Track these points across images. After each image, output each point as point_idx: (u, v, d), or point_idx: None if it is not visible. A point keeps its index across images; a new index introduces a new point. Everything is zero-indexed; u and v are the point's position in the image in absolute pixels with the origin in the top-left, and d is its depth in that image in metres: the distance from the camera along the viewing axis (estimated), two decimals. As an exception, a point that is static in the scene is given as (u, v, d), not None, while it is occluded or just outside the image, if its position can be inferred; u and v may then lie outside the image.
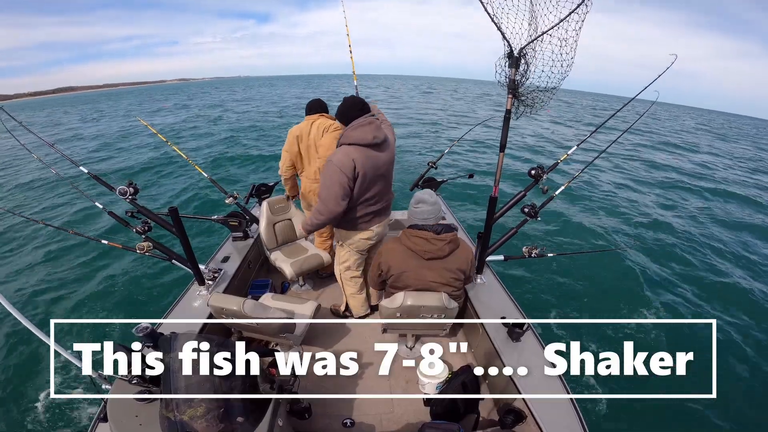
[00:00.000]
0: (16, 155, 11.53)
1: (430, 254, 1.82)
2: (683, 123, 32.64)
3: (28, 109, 43.96)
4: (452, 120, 20.22)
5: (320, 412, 1.81)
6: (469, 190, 7.97)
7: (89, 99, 58.08)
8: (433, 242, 1.81)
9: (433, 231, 1.82)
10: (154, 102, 35.66)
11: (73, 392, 2.85)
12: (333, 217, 1.88)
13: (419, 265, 1.85)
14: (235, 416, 1.06)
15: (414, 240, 1.83)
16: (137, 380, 1.19)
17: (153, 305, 3.94)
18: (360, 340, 2.33)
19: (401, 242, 1.89)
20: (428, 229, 1.83)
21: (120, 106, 32.29)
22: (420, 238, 1.82)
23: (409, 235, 1.86)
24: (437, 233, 1.82)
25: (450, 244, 1.84)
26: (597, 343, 3.58)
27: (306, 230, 2.06)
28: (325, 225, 2.04)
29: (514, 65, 1.68)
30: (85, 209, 6.70)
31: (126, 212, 2.09)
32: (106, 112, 28.47)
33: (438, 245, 1.81)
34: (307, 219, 2.03)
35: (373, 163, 1.82)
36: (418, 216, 1.85)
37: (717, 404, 3.04)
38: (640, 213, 7.66)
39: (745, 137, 27.22)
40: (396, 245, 1.91)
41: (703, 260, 5.65)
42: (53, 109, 40.09)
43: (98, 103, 39.89)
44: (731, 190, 10.07)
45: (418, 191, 1.93)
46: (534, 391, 1.58)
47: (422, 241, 1.81)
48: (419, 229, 1.84)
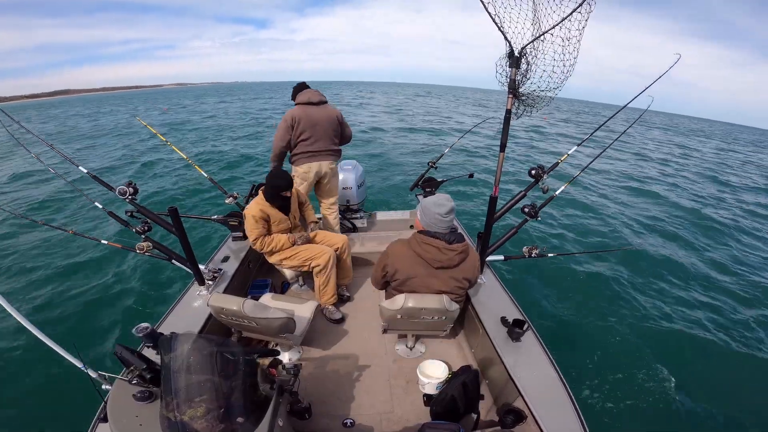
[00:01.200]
0: (16, 155, 11.54)
1: (440, 263, 1.76)
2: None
3: (30, 108, 43.81)
4: (451, 125, 20.24)
5: (320, 412, 1.81)
6: (469, 190, 7.98)
7: (88, 100, 57.96)
8: (444, 252, 1.74)
9: (445, 240, 1.75)
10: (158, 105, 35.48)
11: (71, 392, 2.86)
12: (279, 150, 2.82)
13: (427, 273, 1.80)
14: (236, 416, 1.05)
15: (425, 248, 1.76)
16: (137, 380, 1.19)
17: (153, 305, 3.94)
18: (360, 341, 2.33)
19: (411, 247, 1.81)
20: (440, 238, 1.76)
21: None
22: (432, 246, 1.75)
23: (420, 241, 1.79)
24: (449, 242, 1.75)
25: (461, 255, 1.78)
26: (597, 343, 3.58)
27: (271, 159, 2.91)
28: (278, 156, 2.87)
29: (515, 65, 1.68)
30: (84, 209, 6.70)
31: (126, 212, 2.09)
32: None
33: (449, 255, 1.75)
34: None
35: (308, 115, 2.71)
36: (444, 225, 1.76)
37: (716, 407, 3.04)
38: (639, 213, 7.67)
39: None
40: (405, 250, 1.84)
41: (703, 260, 5.66)
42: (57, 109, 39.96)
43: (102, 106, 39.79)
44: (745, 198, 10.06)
45: (439, 195, 1.83)
46: (534, 391, 1.57)
47: (434, 250, 1.75)
48: (431, 236, 1.77)
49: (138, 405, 1.18)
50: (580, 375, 3.13)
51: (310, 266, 2.46)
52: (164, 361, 1.08)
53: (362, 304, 2.70)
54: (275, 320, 1.77)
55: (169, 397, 1.03)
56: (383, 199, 7.35)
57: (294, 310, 2.12)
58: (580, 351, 3.43)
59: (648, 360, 3.42)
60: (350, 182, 3.38)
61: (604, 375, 3.16)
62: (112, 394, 1.22)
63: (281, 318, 1.77)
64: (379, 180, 8.54)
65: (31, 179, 8.94)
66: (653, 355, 3.50)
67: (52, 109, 35.77)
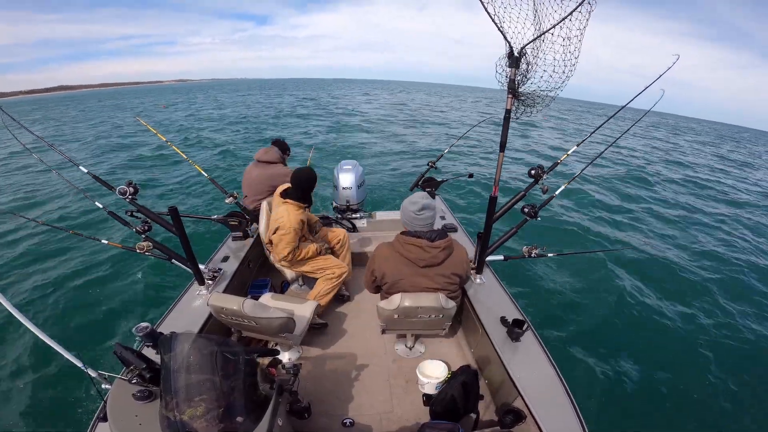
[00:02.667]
0: (16, 155, 11.54)
1: (424, 262, 1.78)
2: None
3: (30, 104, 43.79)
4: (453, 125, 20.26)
5: (320, 411, 1.81)
6: (469, 190, 7.98)
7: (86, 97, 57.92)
8: (427, 250, 1.76)
9: (427, 238, 1.77)
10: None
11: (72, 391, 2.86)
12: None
13: (414, 272, 1.81)
14: (235, 416, 1.05)
15: (408, 248, 1.78)
16: (137, 380, 1.19)
17: (153, 305, 3.94)
18: (360, 340, 2.33)
19: (395, 249, 1.83)
20: (423, 236, 1.77)
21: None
22: (414, 246, 1.77)
23: (402, 242, 1.80)
24: (431, 240, 1.77)
25: (444, 251, 1.79)
26: (597, 342, 3.58)
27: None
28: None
29: (514, 65, 1.67)
30: (85, 209, 6.70)
31: (126, 212, 2.09)
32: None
33: (433, 253, 1.77)
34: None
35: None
36: (420, 222, 1.78)
37: (716, 407, 3.05)
38: (639, 213, 7.67)
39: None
40: (389, 252, 1.86)
41: (703, 260, 5.66)
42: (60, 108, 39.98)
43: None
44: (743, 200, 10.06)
45: (415, 193, 1.87)
46: (533, 391, 1.57)
47: (417, 249, 1.77)
48: (413, 236, 1.78)
49: (138, 404, 1.18)
50: (580, 375, 3.13)
51: (323, 274, 2.50)
52: (164, 360, 1.08)
53: (362, 304, 2.70)
54: (275, 320, 1.77)
55: (169, 396, 1.03)
56: (383, 199, 7.35)
57: (294, 310, 2.12)
58: (580, 351, 3.43)
59: (648, 360, 3.42)
60: (350, 182, 3.38)
61: (603, 375, 3.16)
62: (112, 394, 1.22)
63: (281, 318, 1.77)
64: (379, 180, 8.54)
65: (31, 179, 8.94)
66: (653, 355, 3.50)
67: (53, 109, 35.72)
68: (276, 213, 2.32)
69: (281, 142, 3.23)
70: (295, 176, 2.25)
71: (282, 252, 2.29)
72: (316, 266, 2.49)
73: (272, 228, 2.28)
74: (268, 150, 3.06)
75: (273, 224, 2.28)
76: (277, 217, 2.28)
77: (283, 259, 2.36)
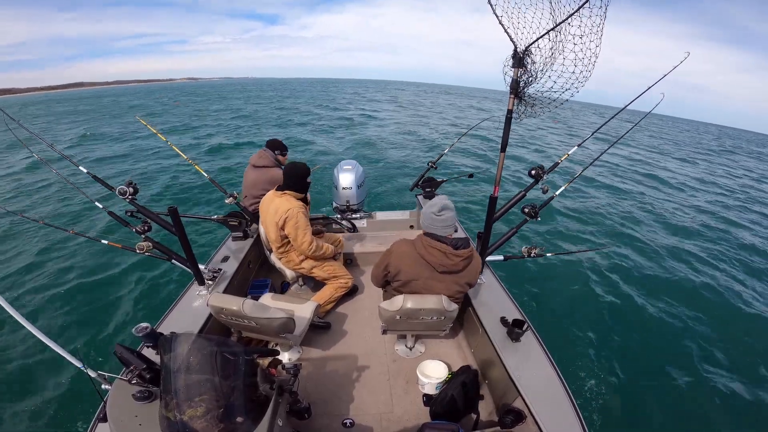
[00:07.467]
0: (16, 155, 11.53)
1: (444, 268, 1.74)
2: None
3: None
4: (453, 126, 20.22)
5: (320, 412, 1.81)
6: (469, 190, 7.98)
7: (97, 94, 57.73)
8: (450, 257, 1.72)
9: (452, 245, 1.72)
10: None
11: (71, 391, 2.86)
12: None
13: (431, 276, 1.77)
14: (235, 416, 1.05)
15: (430, 251, 1.73)
16: (137, 380, 1.19)
17: (153, 305, 3.94)
18: (360, 340, 2.33)
19: (416, 248, 1.79)
20: (447, 242, 1.73)
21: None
22: (437, 251, 1.72)
23: (426, 244, 1.75)
24: (456, 248, 1.72)
25: (465, 260, 1.76)
26: (597, 342, 3.58)
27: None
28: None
29: (518, 64, 1.66)
30: (85, 209, 6.70)
31: (126, 212, 2.09)
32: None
33: (455, 261, 1.73)
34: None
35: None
36: (441, 223, 1.73)
37: (716, 407, 3.05)
38: (638, 213, 7.67)
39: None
40: (409, 250, 1.81)
41: (703, 258, 5.66)
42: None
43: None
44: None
45: (436, 196, 1.83)
46: (533, 391, 1.57)
47: (440, 254, 1.72)
48: (438, 239, 1.74)
49: (137, 405, 1.18)
50: (580, 375, 3.13)
51: (335, 281, 2.55)
52: (164, 360, 1.08)
53: (362, 304, 2.70)
54: (275, 320, 1.76)
55: (169, 396, 1.03)
56: (383, 198, 7.35)
57: (294, 310, 2.11)
58: (580, 351, 3.44)
59: (648, 359, 3.42)
60: (350, 182, 3.38)
61: (604, 375, 3.16)
62: (112, 394, 1.22)
63: (281, 318, 1.77)
64: (378, 180, 8.54)
65: (31, 179, 8.93)
66: (653, 355, 3.50)
67: (57, 106, 35.55)
68: (274, 204, 2.27)
69: (275, 142, 3.14)
70: (286, 169, 2.30)
71: (304, 241, 2.27)
72: (330, 271, 2.53)
73: (278, 222, 2.23)
74: (262, 154, 3.04)
75: (276, 217, 2.23)
76: (276, 207, 2.24)
77: (306, 251, 2.34)
